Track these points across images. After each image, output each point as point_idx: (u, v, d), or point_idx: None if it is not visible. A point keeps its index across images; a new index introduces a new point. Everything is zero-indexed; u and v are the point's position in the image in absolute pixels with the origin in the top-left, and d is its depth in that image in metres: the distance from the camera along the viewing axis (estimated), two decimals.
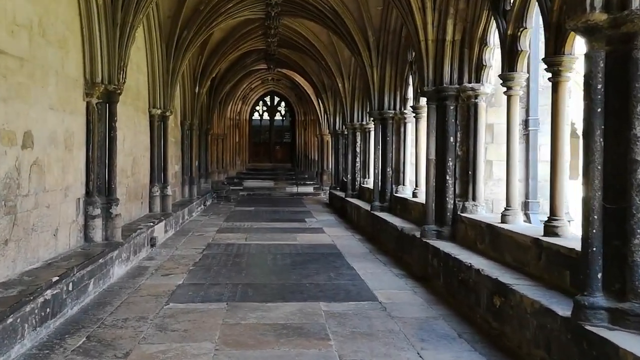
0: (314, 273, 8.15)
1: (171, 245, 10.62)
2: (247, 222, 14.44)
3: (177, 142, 15.31)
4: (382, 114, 12.04)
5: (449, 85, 7.83)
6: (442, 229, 7.91)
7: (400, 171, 11.90)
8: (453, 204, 7.86)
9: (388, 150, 12.02)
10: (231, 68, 19.85)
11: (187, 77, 15.67)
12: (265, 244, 10.79)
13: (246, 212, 17.11)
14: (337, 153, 20.34)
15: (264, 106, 27.80)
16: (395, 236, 9.77)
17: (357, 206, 14.23)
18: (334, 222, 14.87)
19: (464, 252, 6.86)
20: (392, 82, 11.86)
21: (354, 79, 15.94)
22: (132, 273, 8.13)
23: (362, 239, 11.76)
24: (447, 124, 7.87)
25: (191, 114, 16.10)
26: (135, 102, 10.46)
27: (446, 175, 7.89)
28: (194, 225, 13.86)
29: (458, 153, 7.86)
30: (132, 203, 10.33)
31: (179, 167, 15.58)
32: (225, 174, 25.55)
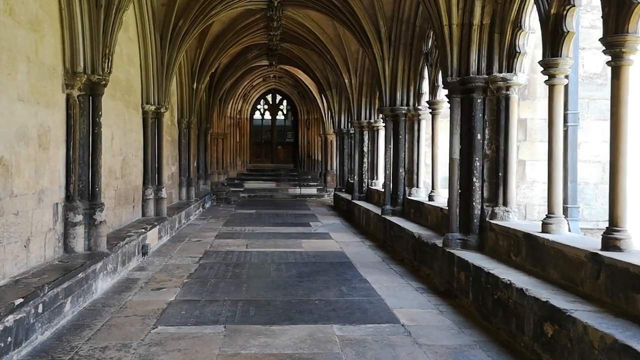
0: (324, 287, 7.24)
1: (165, 253, 9.72)
2: (248, 227, 13.53)
3: (173, 141, 14.42)
4: (394, 111, 11.14)
5: (476, 75, 6.92)
6: (467, 238, 7.01)
7: (413, 172, 10.99)
8: (480, 209, 6.96)
9: (400, 150, 11.11)
10: (231, 64, 18.96)
11: (184, 73, 14.78)
12: (268, 252, 9.89)
13: (247, 216, 16.20)
14: (342, 153, 19.45)
15: (266, 104, 26.90)
16: (411, 244, 8.87)
17: (365, 210, 13.32)
18: (341, 226, 13.97)
19: (498, 266, 5.95)
20: (405, 75, 10.95)
21: (362, 74, 15.04)
22: (119, 287, 7.23)
23: (373, 245, 10.85)
24: (473, 119, 6.97)
25: (189, 112, 15.21)
26: (125, 97, 9.57)
27: (472, 177, 6.98)
28: (191, 230, 12.96)
29: (486, 152, 6.96)
30: (122, 207, 9.43)
31: (175, 168, 14.68)
32: (226, 175, 24.67)
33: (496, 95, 6.85)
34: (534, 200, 6.95)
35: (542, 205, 6.94)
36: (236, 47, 16.60)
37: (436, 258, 7.54)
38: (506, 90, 6.72)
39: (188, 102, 15.15)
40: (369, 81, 14.96)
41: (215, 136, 23.82)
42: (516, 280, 5.26)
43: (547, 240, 5.38)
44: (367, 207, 13.44)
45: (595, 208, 6.94)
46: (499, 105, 6.81)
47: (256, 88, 25.71)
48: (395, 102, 11.13)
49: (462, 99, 7.15)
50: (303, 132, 26.37)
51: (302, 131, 26.40)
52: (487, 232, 6.83)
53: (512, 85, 6.68)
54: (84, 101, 7.00)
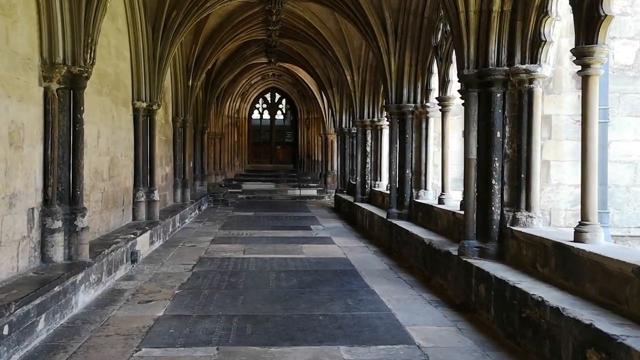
0: (328, 299, 6.60)
1: (157, 260, 9.08)
2: (245, 230, 12.89)
3: (168, 141, 13.77)
4: (400, 108, 10.50)
5: (496, 67, 6.29)
6: (486, 246, 6.37)
7: (421, 173, 10.35)
8: (500, 214, 6.32)
9: (407, 150, 10.47)
10: (229, 61, 18.31)
11: (179, 69, 14.14)
12: (267, 258, 9.26)
13: (245, 218, 15.56)
14: (344, 153, 18.81)
15: (265, 104, 26.25)
16: (421, 251, 8.23)
17: (369, 213, 12.68)
18: (343, 230, 13.32)
19: (524, 279, 5.32)
20: (412, 71, 10.32)
21: (364, 70, 14.41)
22: (103, 300, 6.58)
23: (378, 251, 10.21)
24: (492, 115, 6.33)
25: (184, 110, 14.57)
26: (114, 93, 8.92)
27: (491, 178, 6.35)
28: (185, 234, 12.31)
29: (506, 152, 6.32)
30: (110, 211, 8.78)
31: (170, 169, 14.04)
32: (223, 176, 24.02)
33: (518, 89, 6.21)
34: (560, 205, 6.31)
35: (568, 210, 6.32)
36: (233, 43, 15.96)
37: (450, 267, 6.90)
38: (529, 84, 6.09)
39: (183, 100, 14.51)
40: (372, 78, 14.33)
41: (212, 136, 23.16)
42: (549, 297, 4.62)
43: (582, 251, 4.75)
44: (371, 209, 12.80)
45: (626, 213, 6.32)
46: (521, 100, 6.17)
47: (255, 86, 25.05)
48: (401, 99, 10.49)
49: (480, 93, 6.52)
50: (303, 132, 25.72)
51: (301, 131, 25.75)
52: (507, 240, 6.20)
53: (536, 77, 6.05)
54: (64, 95, 6.35)
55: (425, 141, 10.29)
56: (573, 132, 6.31)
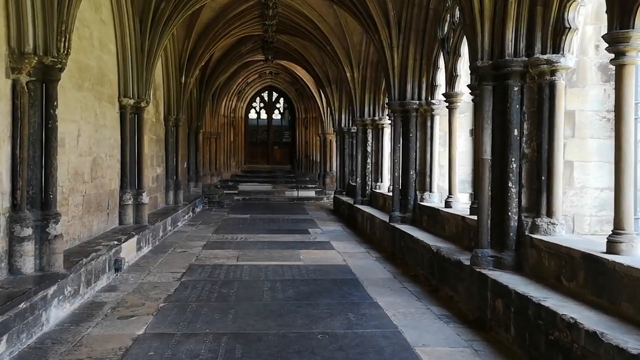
0: (327, 314, 5.99)
1: (143, 268, 8.46)
2: (240, 234, 12.27)
3: (159, 140, 13.15)
4: (403, 105, 9.90)
5: (513, 57, 5.70)
6: (501, 255, 5.77)
7: (426, 175, 9.74)
8: (517, 220, 5.72)
9: (411, 149, 9.87)
10: (224, 58, 17.70)
11: (171, 65, 13.53)
12: (262, 266, 8.64)
13: (240, 221, 14.94)
14: (343, 153, 18.21)
15: (262, 102, 25.62)
16: (428, 258, 7.62)
17: (370, 216, 12.07)
18: (343, 233, 12.71)
19: (549, 295, 4.72)
20: (416, 65, 9.72)
21: (365, 67, 13.80)
22: (80, 314, 5.97)
23: (380, 257, 9.61)
24: (509, 111, 5.73)
25: (177, 108, 13.95)
26: (97, 88, 8.31)
27: (507, 181, 5.75)
28: (177, 238, 11.69)
29: (525, 151, 5.72)
30: (92, 215, 8.16)
31: (161, 170, 13.42)
32: (219, 177, 23.39)
33: (537, 82, 5.61)
34: (584, 210, 5.71)
35: (593, 216, 5.72)
36: (228, 39, 15.35)
37: (462, 278, 6.30)
38: (551, 76, 5.49)
39: (176, 98, 13.89)
40: (373, 75, 13.72)
41: (208, 135, 22.55)
42: (582, 318, 4.02)
43: (618, 265, 4.15)
44: (372, 212, 12.19)
45: None
46: (541, 93, 5.57)
47: (251, 85, 24.43)
48: (405, 96, 9.89)
49: (495, 86, 5.92)
50: (301, 132, 25.10)
51: (299, 130, 25.13)
52: (526, 249, 5.60)
53: (559, 69, 5.45)
54: (35, 89, 5.74)
55: (431, 140, 9.69)
56: (599, 129, 5.72)
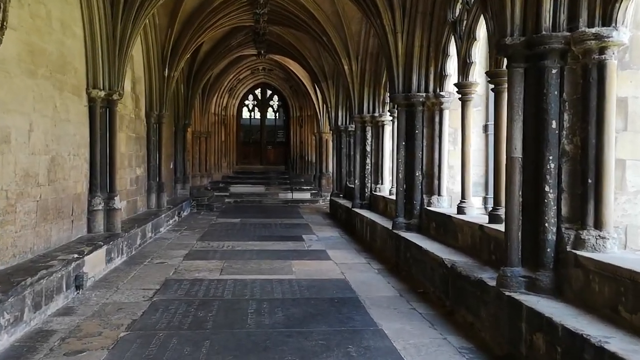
0: (322, 347, 4.91)
1: (111, 284, 7.35)
2: (227, 242, 11.16)
3: (139, 139, 12.04)
4: (408, 99, 8.82)
5: (551, 32, 4.63)
6: (536, 276, 4.70)
7: (434, 176, 8.67)
8: (556, 233, 4.65)
9: (417, 148, 8.79)
10: (213, 51, 16.60)
11: (153, 57, 12.41)
12: (248, 281, 7.55)
13: (229, 226, 13.82)
14: (340, 153, 17.13)
15: (254, 100, 24.49)
16: (440, 274, 6.54)
17: (370, 222, 10.98)
18: (340, 241, 11.62)
19: (609, 332, 3.66)
20: (423, 53, 8.64)
21: (364, 59, 12.72)
22: (19, 348, 4.87)
23: (383, 269, 8.52)
24: (545, 98, 4.67)
25: (159, 103, 12.83)
26: (57, 76, 7.20)
27: (543, 184, 4.68)
28: (157, 246, 10.57)
29: (565, 148, 4.65)
30: (51, 223, 7.05)
31: (142, 171, 12.30)
32: (209, 178, 22.27)
33: (582, 63, 4.54)
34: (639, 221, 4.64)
35: None
36: (217, 30, 14.24)
37: (485, 302, 5.22)
38: (599, 54, 4.42)
39: (158, 93, 12.78)
40: (373, 67, 12.65)
41: (197, 135, 21.44)
42: None
43: None
44: (372, 218, 11.10)
45: None
46: (587, 76, 4.50)
47: (243, 82, 23.30)
48: (410, 88, 8.81)
49: (528, 69, 4.85)
50: (295, 131, 23.99)
51: (294, 129, 24.01)
52: (568, 269, 4.53)
53: (610, 45, 4.38)
54: None
55: (439, 138, 8.62)
56: None
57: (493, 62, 6.37)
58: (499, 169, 6.39)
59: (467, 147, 7.59)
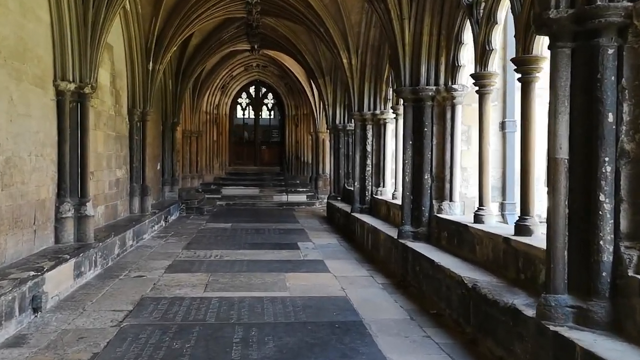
0: None
1: (78, 304, 6.39)
2: (216, 250, 10.21)
3: (121, 138, 11.07)
4: (416, 92, 7.89)
5: (608, 2, 3.70)
6: (588, 306, 3.77)
7: (445, 179, 7.75)
8: (614, 252, 3.73)
9: (425, 148, 7.87)
10: (203, 45, 15.64)
11: (136, 49, 11.45)
12: (235, 299, 6.60)
13: (219, 232, 12.86)
14: (337, 153, 16.20)
15: (248, 98, 23.50)
16: (459, 295, 5.61)
17: (372, 228, 10.04)
18: (339, 249, 10.68)
19: None
20: (433, 41, 7.72)
21: (365, 52, 11.78)
22: None
23: (388, 284, 7.58)
24: (599, 86, 3.75)
25: (144, 100, 11.87)
26: (14, 65, 6.23)
27: (597, 191, 3.76)
28: (137, 256, 9.61)
29: (624, 147, 3.74)
30: (5, 235, 6.08)
31: (124, 173, 11.33)
32: (201, 180, 21.30)
33: None
34: None
35: None
36: (206, 21, 13.30)
37: (520, 335, 4.28)
38: None
39: (142, 88, 11.82)
40: (374, 61, 11.72)
41: (188, 134, 20.47)
42: None
43: None
44: (374, 224, 10.16)
45: None
46: None
47: (237, 79, 22.32)
48: (418, 81, 7.89)
49: (576, 49, 3.93)
50: (291, 130, 23.02)
51: (289, 129, 23.04)
52: (630, 298, 3.61)
53: None
54: None
55: (451, 136, 7.70)
56: None
57: (521, 48, 5.45)
58: (527, 172, 5.48)
59: (486, 146, 6.67)
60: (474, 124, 7.80)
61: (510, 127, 7.72)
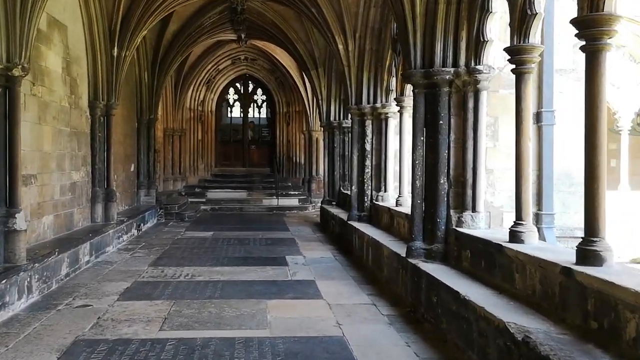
0: None
1: None
2: (188, 267, 8.63)
3: (77, 134, 9.47)
4: (430, 76, 6.34)
5: None
6: None
7: (466, 184, 6.19)
8: None
9: (441, 145, 6.31)
10: (181, 32, 14.07)
11: (97, 31, 9.85)
12: (198, 343, 5.02)
13: (197, 243, 11.27)
14: (332, 153, 14.67)
15: (236, 94, 21.87)
16: (499, 347, 4.04)
17: (373, 242, 8.47)
18: (333, 265, 9.11)
19: None
20: (451, 11, 6.15)
21: (363, 36, 10.23)
22: None
23: (395, 316, 6.02)
24: None
25: (108, 91, 10.27)
26: None
27: None
28: (91, 276, 8.01)
29: None
30: None
31: (83, 175, 9.73)
32: (184, 182, 19.72)
33: None
34: None
35: None
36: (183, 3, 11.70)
37: None
38: None
39: (106, 77, 10.22)
40: (374, 47, 10.17)
41: (170, 132, 18.89)
42: None
43: None
44: (376, 236, 8.59)
45: None
46: None
47: (223, 73, 20.69)
48: (432, 61, 6.34)
49: None
50: (282, 129, 21.41)
51: (280, 127, 21.43)
52: None
53: None
54: None
55: (474, 130, 6.15)
56: None
57: (586, 5, 3.91)
58: (594, 178, 3.95)
59: (525, 142, 5.14)
60: (502, 115, 6.31)
61: (548, 118, 6.25)
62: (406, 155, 9.24)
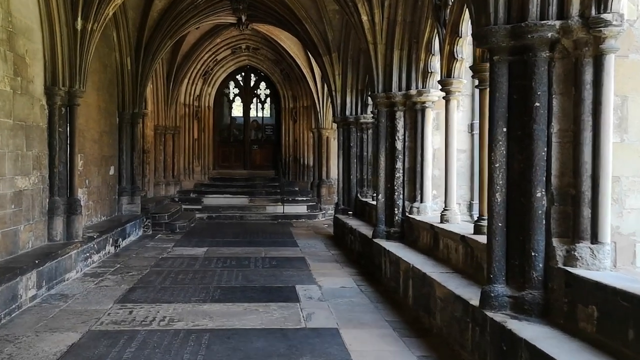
0: None
1: None
2: (166, 305, 6.46)
3: (26, 129, 7.32)
4: (520, 36, 4.15)
5: None
6: None
7: (580, 201, 4.01)
8: None
9: (537, 141, 4.13)
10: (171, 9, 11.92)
11: None
12: None
13: (184, 265, 9.09)
14: (348, 154, 12.51)
15: (236, 88, 19.65)
16: None
17: (420, 276, 6.23)
18: (360, 299, 6.90)
19: None
20: None
21: (394, 5, 8.07)
22: None
23: None
24: None
25: (70, 75, 8.11)
26: None
27: None
28: (32, 321, 5.85)
29: None
30: None
31: (35, 181, 7.58)
32: (178, 187, 17.57)
33: None
34: None
35: None
36: None
37: None
38: None
39: (67, 56, 8.08)
40: (407, 17, 8.04)
41: (162, 130, 16.76)
42: None
43: None
44: (418, 266, 6.37)
45: None
46: None
47: (222, 64, 18.48)
48: (523, 13, 4.17)
49: None
50: (288, 127, 19.17)
51: (286, 125, 19.20)
52: None
53: None
54: None
55: (593, 116, 3.99)
56: None
57: None
58: None
59: None
60: (634, 94, 4.16)
61: None
62: (452, 156, 7.10)
